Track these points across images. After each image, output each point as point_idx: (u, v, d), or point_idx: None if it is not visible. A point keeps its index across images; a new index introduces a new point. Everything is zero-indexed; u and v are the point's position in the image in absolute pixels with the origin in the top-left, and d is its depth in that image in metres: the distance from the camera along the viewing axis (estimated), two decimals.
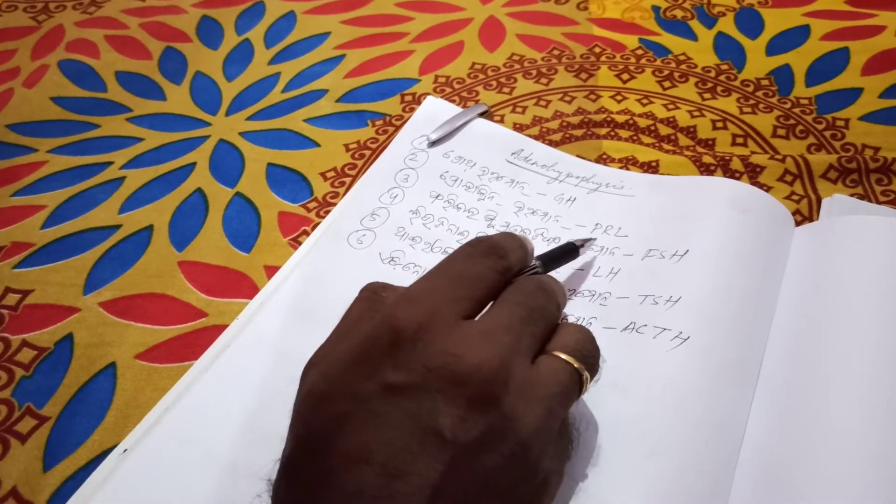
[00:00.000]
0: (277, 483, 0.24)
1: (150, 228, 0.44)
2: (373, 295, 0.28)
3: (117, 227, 0.44)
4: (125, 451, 0.32)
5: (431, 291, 0.25)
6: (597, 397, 0.31)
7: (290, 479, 0.23)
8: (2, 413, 0.35)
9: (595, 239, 0.37)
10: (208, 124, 0.52)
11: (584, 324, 0.35)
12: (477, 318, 0.26)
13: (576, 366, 0.26)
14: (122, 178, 0.47)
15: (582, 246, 0.35)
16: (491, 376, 0.23)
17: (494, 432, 0.23)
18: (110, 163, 0.49)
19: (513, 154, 0.45)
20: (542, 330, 0.26)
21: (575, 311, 0.36)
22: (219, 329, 0.37)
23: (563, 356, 0.26)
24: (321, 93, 0.54)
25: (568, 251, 0.35)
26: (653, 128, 0.48)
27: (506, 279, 0.28)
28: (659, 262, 0.37)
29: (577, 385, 0.26)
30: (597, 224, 0.40)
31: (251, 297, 0.39)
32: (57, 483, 0.32)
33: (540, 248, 0.39)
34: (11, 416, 0.35)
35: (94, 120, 0.53)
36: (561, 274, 0.37)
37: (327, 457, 0.22)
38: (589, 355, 0.27)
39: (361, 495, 0.21)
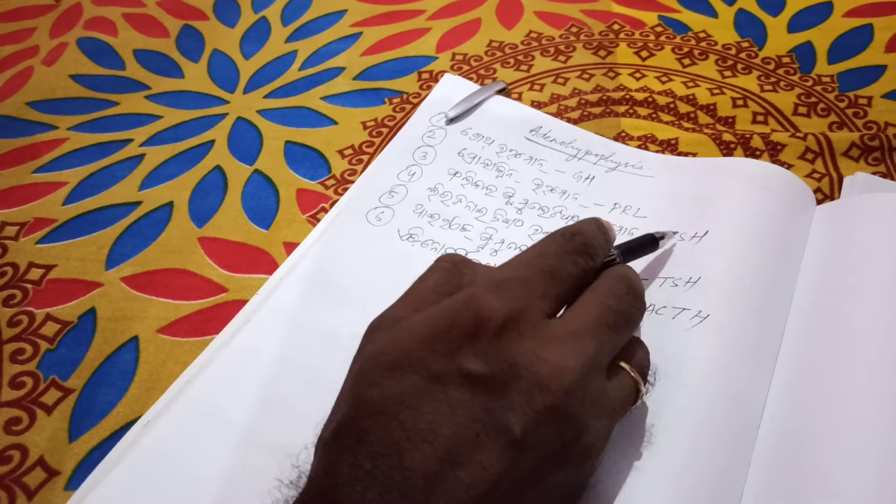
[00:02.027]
0: (330, 439, 0.23)
1: (170, 205, 0.44)
2: (452, 266, 0.27)
3: (138, 203, 0.45)
4: (148, 422, 0.33)
5: (521, 283, 0.25)
6: None
7: (348, 439, 0.22)
8: (28, 385, 0.36)
9: (676, 232, 0.36)
10: (226, 102, 0.52)
11: None
12: (563, 315, 0.25)
13: (639, 381, 0.27)
14: (142, 156, 0.48)
15: (662, 238, 0.34)
16: (572, 386, 0.23)
17: (562, 440, 0.23)
18: (130, 140, 0.49)
19: (531, 131, 0.45)
20: (623, 340, 0.27)
21: None
22: (239, 304, 0.38)
23: (630, 371, 0.26)
24: (338, 70, 0.53)
25: (646, 243, 0.34)
26: (672, 105, 0.47)
27: (587, 279, 0.27)
28: (678, 244, 0.36)
29: (634, 399, 0.27)
30: (615, 204, 0.40)
31: (270, 272, 0.39)
32: (82, 453, 0.33)
33: (559, 226, 0.39)
34: (37, 387, 0.36)
35: (112, 97, 0.53)
36: None
37: (392, 427, 0.22)
38: (647, 372, 0.28)
39: (420, 474, 0.21)
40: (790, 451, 0.28)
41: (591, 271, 0.27)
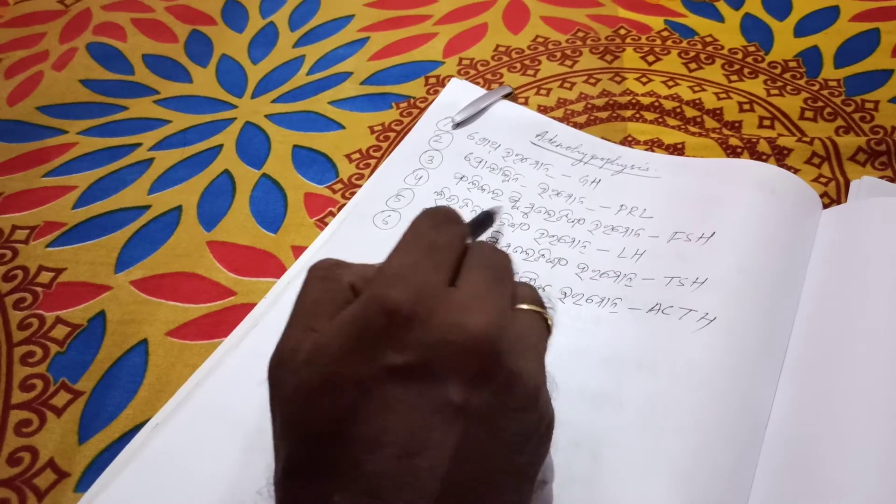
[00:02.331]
0: (283, 479, 0.23)
1: (178, 209, 0.44)
2: (326, 273, 0.27)
3: (147, 207, 0.45)
4: (157, 424, 0.33)
5: (412, 266, 0.25)
6: (623, 376, 0.31)
7: (301, 475, 0.22)
8: (38, 387, 0.36)
9: (502, 206, 0.40)
10: (234, 107, 0.52)
11: (608, 305, 0.35)
12: (458, 284, 0.25)
13: (539, 311, 0.27)
14: (151, 160, 0.48)
15: (496, 213, 0.36)
16: (492, 339, 0.23)
17: (504, 391, 0.23)
18: (139, 144, 0.50)
19: (537, 136, 0.45)
20: (511, 289, 0.27)
21: (600, 291, 0.36)
22: (247, 307, 0.38)
23: (532, 307, 0.27)
24: (345, 75, 0.54)
25: (486, 219, 0.35)
26: (678, 110, 0.47)
27: (463, 244, 0.28)
28: (685, 244, 0.37)
29: (547, 330, 0.27)
30: (622, 206, 0.40)
31: (279, 276, 0.39)
32: (92, 455, 0.33)
33: (565, 229, 0.40)
34: (47, 390, 0.36)
35: (122, 102, 0.53)
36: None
37: (341, 447, 0.22)
38: (545, 303, 0.28)
39: (384, 478, 0.21)
40: (797, 454, 0.28)
41: (465, 237, 0.27)
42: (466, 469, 0.22)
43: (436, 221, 0.27)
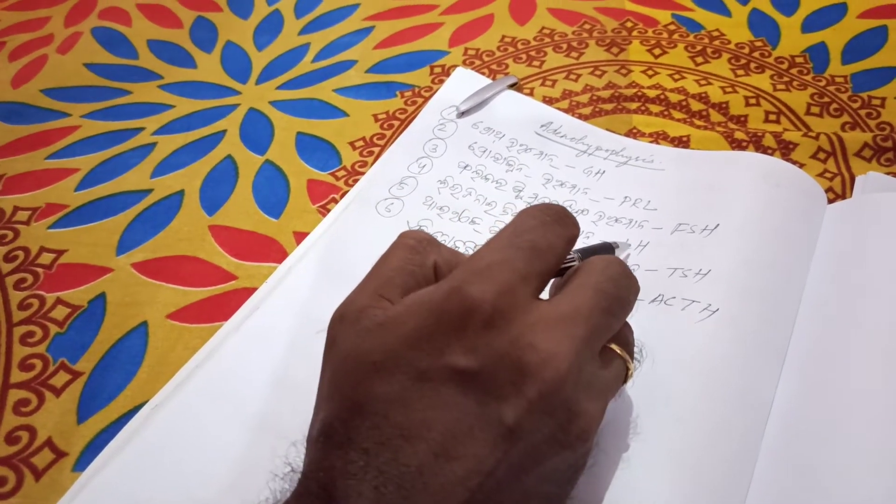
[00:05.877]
0: (318, 437, 0.23)
1: (181, 193, 0.44)
2: (416, 244, 0.26)
3: (149, 191, 0.45)
4: (156, 406, 0.33)
5: (503, 266, 0.23)
6: None
7: (336, 437, 0.22)
8: (37, 367, 0.36)
9: (630, 245, 0.37)
10: (238, 93, 0.52)
11: None
12: (557, 298, 0.24)
13: (627, 360, 0.26)
14: (154, 144, 0.48)
15: (618, 247, 0.34)
16: (564, 372, 0.22)
17: (558, 426, 0.22)
18: (142, 128, 0.49)
19: (542, 126, 0.45)
20: (619, 324, 0.25)
21: None
22: (248, 291, 0.38)
23: (620, 351, 0.26)
24: (350, 63, 0.54)
25: (603, 249, 0.33)
26: (684, 103, 0.47)
27: (570, 249, 0.26)
28: (689, 236, 0.37)
29: (624, 378, 0.26)
30: (626, 197, 0.40)
31: (280, 261, 0.39)
32: (90, 435, 0.33)
33: None
34: (46, 370, 0.36)
35: (126, 86, 0.53)
36: None
37: (383, 426, 0.22)
38: (633, 350, 0.27)
39: (415, 468, 0.21)
40: (798, 446, 0.28)
41: (571, 241, 0.26)
42: (498, 487, 0.22)
43: (545, 219, 0.25)
